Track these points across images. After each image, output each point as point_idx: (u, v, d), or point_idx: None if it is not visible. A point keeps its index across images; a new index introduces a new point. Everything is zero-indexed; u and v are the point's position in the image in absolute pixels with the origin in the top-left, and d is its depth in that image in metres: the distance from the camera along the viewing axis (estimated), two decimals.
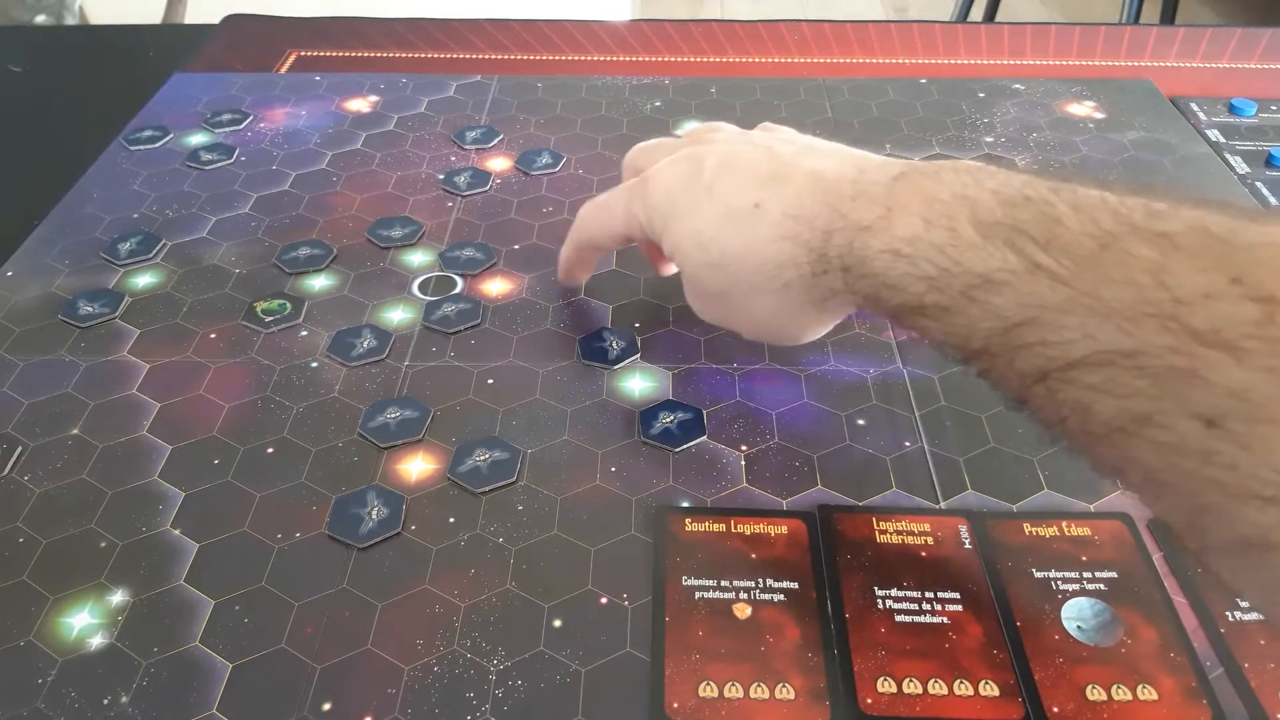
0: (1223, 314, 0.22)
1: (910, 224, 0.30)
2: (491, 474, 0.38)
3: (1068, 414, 0.26)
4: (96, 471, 0.38)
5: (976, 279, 0.28)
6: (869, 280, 0.31)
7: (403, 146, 0.60)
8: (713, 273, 0.37)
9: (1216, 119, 0.62)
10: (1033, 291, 0.26)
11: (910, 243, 0.30)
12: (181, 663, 0.32)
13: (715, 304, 0.39)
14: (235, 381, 0.42)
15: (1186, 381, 0.23)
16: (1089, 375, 0.25)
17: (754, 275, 0.35)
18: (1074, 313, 0.25)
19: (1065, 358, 0.25)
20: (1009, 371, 0.28)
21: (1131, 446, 0.24)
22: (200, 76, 0.68)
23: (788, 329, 0.38)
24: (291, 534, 0.36)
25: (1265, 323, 0.22)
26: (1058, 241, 0.26)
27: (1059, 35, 0.74)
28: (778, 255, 0.34)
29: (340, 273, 0.49)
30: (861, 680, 0.31)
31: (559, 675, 0.31)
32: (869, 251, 0.31)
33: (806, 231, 0.33)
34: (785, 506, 0.37)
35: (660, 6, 2.52)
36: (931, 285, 0.29)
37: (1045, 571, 0.34)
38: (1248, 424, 0.22)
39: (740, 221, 0.35)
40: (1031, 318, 0.26)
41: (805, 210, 0.34)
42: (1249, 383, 0.22)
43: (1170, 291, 0.23)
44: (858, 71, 0.70)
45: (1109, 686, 0.31)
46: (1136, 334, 0.24)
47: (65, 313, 0.46)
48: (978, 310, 0.28)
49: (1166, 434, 0.23)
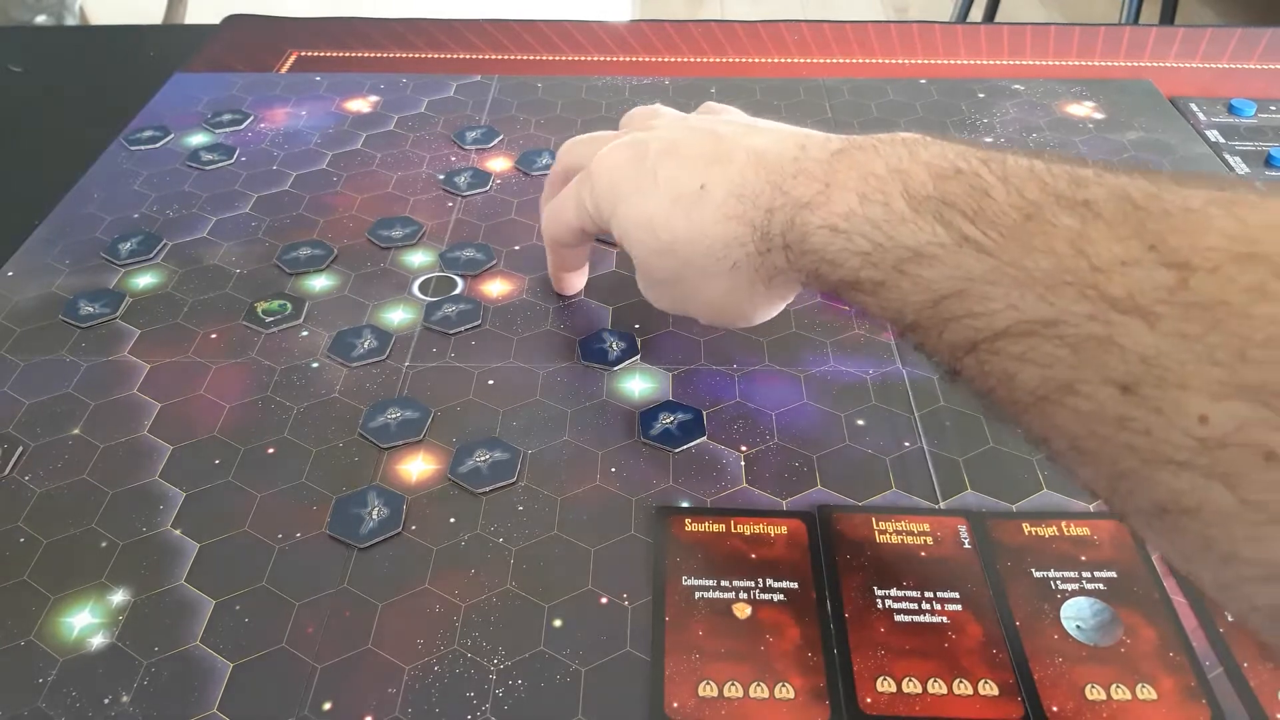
0: (1137, 281, 0.22)
1: (847, 199, 0.30)
2: (492, 474, 0.38)
3: (995, 384, 0.26)
4: (97, 471, 0.38)
5: (908, 253, 0.28)
6: (809, 256, 0.32)
7: (403, 147, 0.60)
8: (662, 258, 0.37)
9: (1216, 119, 0.62)
10: (960, 264, 0.26)
11: (846, 218, 0.30)
12: (182, 662, 0.32)
13: (667, 290, 0.39)
14: (236, 382, 0.42)
15: (1103, 349, 0.23)
16: (1013, 345, 0.25)
17: (703, 258, 0.35)
18: (999, 284, 0.25)
19: (991, 329, 0.26)
20: (940, 344, 0.28)
21: (1055, 415, 0.25)
22: (200, 76, 0.68)
23: (741, 310, 0.38)
24: (292, 534, 0.36)
25: (1178, 288, 0.22)
26: (985, 213, 0.26)
27: (1059, 35, 0.74)
28: (724, 235, 0.34)
29: (341, 273, 0.49)
30: (861, 680, 0.31)
31: (559, 675, 0.31)
32: (809, 228, 0.31)
33: (751, 210, 0.34)
34: (785, 507, 0.37)
35: (660, 6, 2.52)
36: (866, 260, 0.29)
37: (1044, 571, 0.34)
38: (1159, 389, 0.22)
39: (687, 204, 0.35)
40: (959, 290, 0.26)
41: (749, 189, 0.34)
42: (1161, 348, 0.22)
43: (1089, 259, 0.24)
44: (857, 72, 0.70)
45: (1108, 686, 0.31)
46: (1057, 303, 0.24)
47: (66, 313, 0.46)
48: (909, 284, 0.28)
49: (1086, 402, 0.23)
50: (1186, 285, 0.22)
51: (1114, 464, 0.23)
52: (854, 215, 0.30)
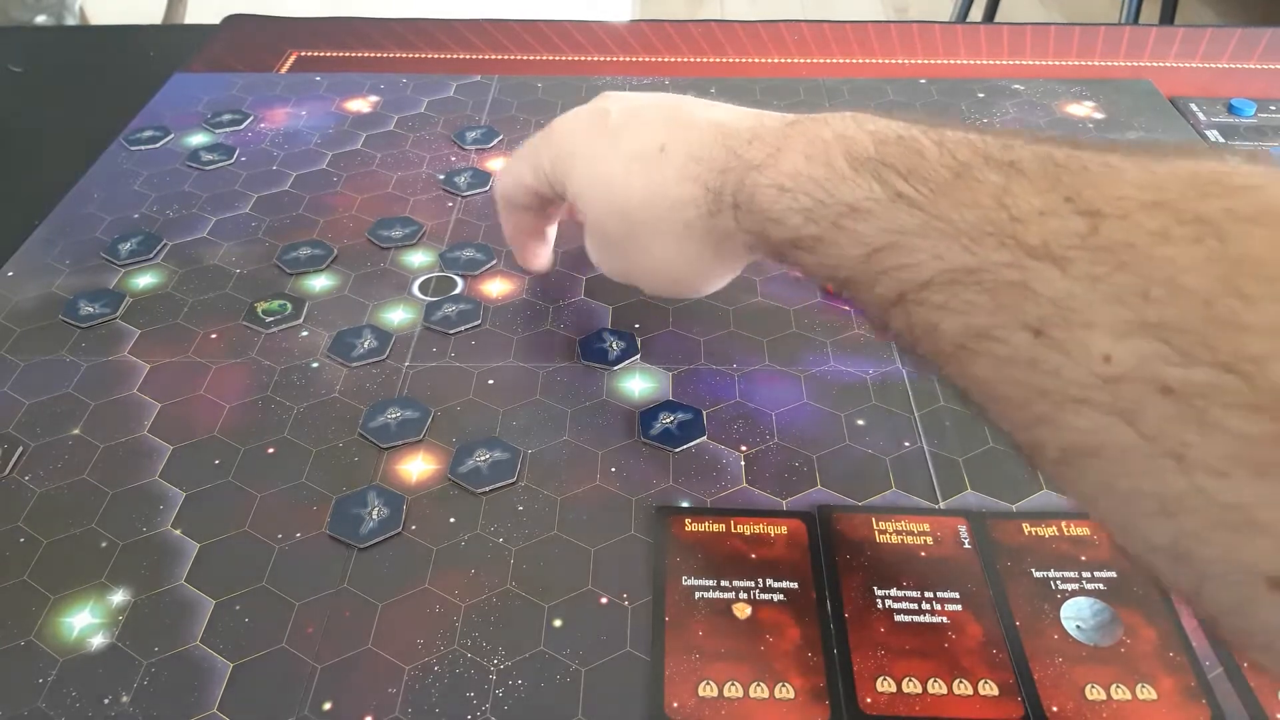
0: (1053, 229, 0.24)
1: (794, 160, 0.31)
2: (492, 474, 0.38)
3: (920, 335, 0.27)
4: (97, 472, 0.38)
5: (845, 208, 0.29)
6: (756, 216, 0.33)
7: (403, 147, 0.60)
8: (617, 218, 0.37)
9: (1216, 119, 0.62)
10: (893, 218, 0.28)
11: (792, 177, 0.31)
12: (182, 662, 0.32)
13: (617, 252, 0.39)
14: (236, 382, 0.42)
15: (1019, 294, 0.24)
16: (936, 295, 0.26)
17: (657, 219, 0.36)
18: (927, 236, 0.26)
19: (917, 279, 0.27)
20: (871, 298, 0.29)
21: (973, 363, 0.26)
22: (200, 77, 0.68)
23: (688, 276, 0.38)
24: (292, 534, 0.36)
25: (1089, 234, 0.23)
26: (918, 172, 0.28)
27: (1058, 35, 0.74)
28: (680, 196, 0.35)
29: (341, 273, 0.49)
30: (861, 680, 0.31)
31: (559, 675, 0.31)
32: (757, 187, 0.32)
33: (706, 172, 0.35)
34: (785, 507, 0.37)
35: (660, 6, 2.52)
36: (808, 217, 0.30)
37: (1044, 571, 0.34)
38: (1067, 330, 0.23)
39: (646, 164, 0.36)
40: (891, 243, 0.28)
41: (706, 152, 0.35)
42: (1071, 290, 0.23)
43: (1009, 211, 0.25)
44: (858, 72, 0.70)
45: (1108, 686, 0.31)
46: (979, 252, 0.25)
47: (66, 313, 0.46)
48: (846, 239, 0.29)
49: (1002, 347, 0.24)
50: (1097, 231, 0.23)
51: (1027, 409, 0.24)
52: (799, 175, 0.31)
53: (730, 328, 0.46)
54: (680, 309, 0.46)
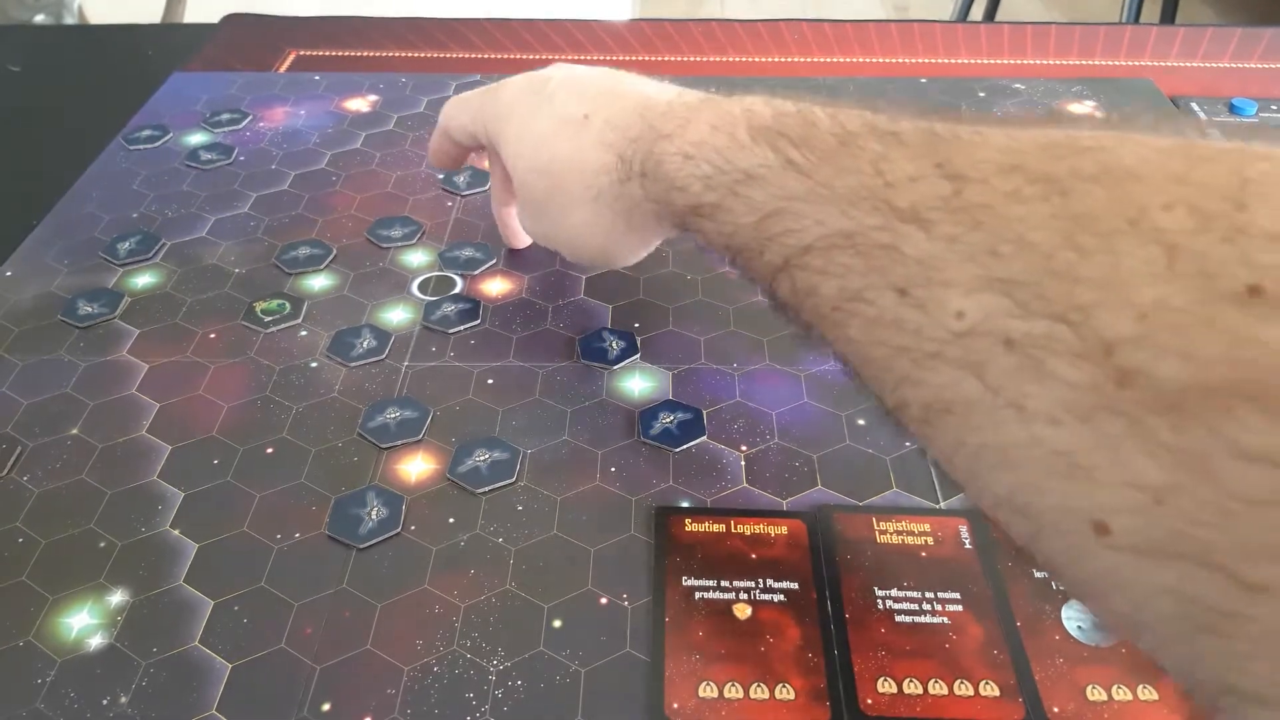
0: (921, 193, 0.24)
1: (700, 130, 0.33)
2: (491, 474, 0.38)
3: (802, 300, 0.28)
4: (96, 471, 0.38)
5: (741, 174, 0.30)
6: (661, 184, 0.34)
7: (402, 146, 0.59)
8: (540, 178, 0.39)
9: (1217, 119, 0.62)
10: (783, 184, 0.28)
11: (697, 146, 0.32)
12: (181, 663, 0.32)
13: (541, 215, 0.41)
14: (235, 381, 0.42)
15: (888, 255, 0.25)
16: (816, 259, 0.27)
17: (575, 185, 0.38)
18: (812, 201, 0.27)
19: (800, 244, 0.27)
20: (761, 265, 0.30)
21: (847, 325, 0.26)
22: (199, 76, 0.68)
23: (603, 245, 0.40)
24: (291, 534, 0.36)
25: (952, 197, 0.24)
26: (809, 141, 0.29)
27: (1059, 35, 0.74)
28: (595, 162, 0.37)
29: (340, 273, 0.49)
30: (861, 680, 0.31)
31: (559, 675, 0.31)
32: (664, 155, 0.34)
33: (620, 140, 0.36)
34: (785, 507, 0.37)
35: (661, 6, 2.52)
36: (707, 184, 0.32)
37: (1045, 571, 0.34)
38: (927, 288, 0.23)
39: (571, 130, 0.38)
40: (779, 209, 0.28)
41: (623, 122, 0.37)
42: (933, 251, 0.24)
43: (884, 178, 0.26)
44: (858, 71, 0.70)
45: (1109, 687, 0.31)
46: (855, 216, 0.26)
47: (64, 313, 0.46)
48: (740, 205, 0.30)
49: (871, 308, 0.25)
50: (960, 194, 0.24)
51: (892, 369, 0.25)
52: (703, 144, 0.32)
53: (730, 327, 0.45)
54: (680, 308, 0.46)
